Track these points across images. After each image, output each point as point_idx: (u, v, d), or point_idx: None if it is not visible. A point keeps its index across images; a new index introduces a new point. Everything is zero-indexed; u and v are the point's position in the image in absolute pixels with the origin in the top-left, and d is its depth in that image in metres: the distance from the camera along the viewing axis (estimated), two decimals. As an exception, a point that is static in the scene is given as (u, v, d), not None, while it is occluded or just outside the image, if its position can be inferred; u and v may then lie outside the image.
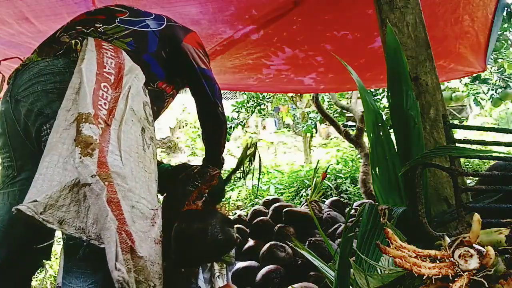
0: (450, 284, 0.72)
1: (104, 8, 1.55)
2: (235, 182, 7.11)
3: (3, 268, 1.31)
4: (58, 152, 1.08)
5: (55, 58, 1.27)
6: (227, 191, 6.78)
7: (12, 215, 1.01)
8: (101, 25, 1.41)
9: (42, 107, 1.20)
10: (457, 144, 1.30)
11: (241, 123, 5.79)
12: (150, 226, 1.18)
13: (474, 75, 4.30)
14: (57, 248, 3.28)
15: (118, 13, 1.49)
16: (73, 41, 1.26)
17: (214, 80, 1.63)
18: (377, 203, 1.29)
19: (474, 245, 0.75)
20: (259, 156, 2.00)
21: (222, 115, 1.67)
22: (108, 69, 1.22)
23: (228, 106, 6.63)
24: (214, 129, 1.69)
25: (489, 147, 5.15)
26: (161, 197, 1.55)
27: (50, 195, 1.03)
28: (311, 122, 6.35)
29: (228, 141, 5.80)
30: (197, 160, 7.99)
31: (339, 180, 6.23)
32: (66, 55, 1.26)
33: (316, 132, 7.63)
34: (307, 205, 3.52)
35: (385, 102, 4.71)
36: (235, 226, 3.42)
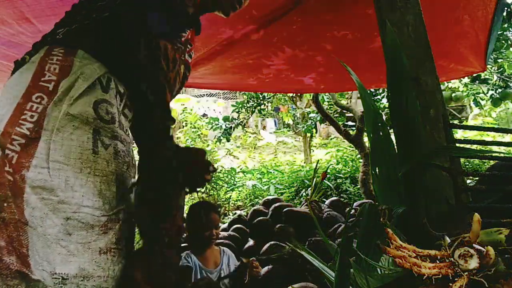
0: (450, 284, 0.72)
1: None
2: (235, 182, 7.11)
3: None
4: None
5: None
6: (228, 191, 6.78)
7: None
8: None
9: None
10: (457, 144, 1.30)
11: (241, 123, 5.80)
12: (98, 235, 1.12)
13: (474, 75, 4.30)
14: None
15: None
16: (26, 57, 1.22)
17: None
18: (377, 203, 1.29)
19: (474, 245, 0.75)
20: None
21: None
22: (48, 76, 1.16)
23: (228, 106, 6.64)
24: None
25: (489, 147, 5.15)
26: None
27: None
28: (311, 122, 6.35)
29: (228, 141, 5.81)
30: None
31: (339, 180, 6.24)
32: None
33: (316, 132, 7.62)
34: (307, 205, 3.53)
35: (385, 102, 4.72)
36: (235, 226, 3.43)
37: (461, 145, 1.29)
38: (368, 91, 4.41)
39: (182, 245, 2.69)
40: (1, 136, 1.05)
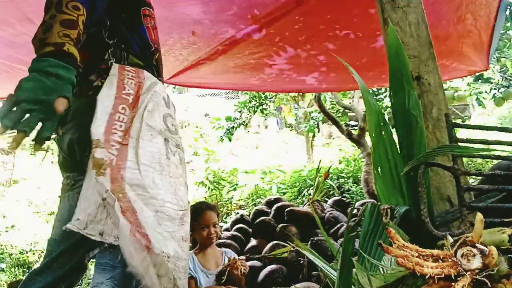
0: (453, 284, 0.72)
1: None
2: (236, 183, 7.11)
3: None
4: (89, 175, 1.28)
5: (83, 97, 1.40)
6: (229, 191, 6.78)
7: (71, 214, 1.24)
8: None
9: (77, 139, 1.40)
10: (460, 144, 1.29)
11: (243, 122, 5.79)
12: (178, 226, 1.36)
13: (477, 74, 4.29)
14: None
15: None
16: (98, 83, 1.40)
17: None
18: (379, 203, 1.29)
19: (476, 244, 0.75)
20: None
21: None
22: (128, 90, 1.38)
23: (230, 106, 6.64)
24: None
25: (491, 147, 5.13)
26: None
27: (89, 212, 1.24)
28: (313, 122, 6.35)
29: (230, 140, 5.82)
30: (199, 160, 8.00)
31: (341, 180, 6.23)
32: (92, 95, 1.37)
33: (319, 132, 7.62)
34: (309, 204, 3.52)
35: (387, 101, 4.71)
36: (238, 226, 3.43)
37: (464, 145, 1.29)
38: (370, 91, 4.40)
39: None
40: (105, 143, 1.27)
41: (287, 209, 3.23)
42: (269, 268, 2.61)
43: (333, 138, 11.45)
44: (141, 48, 1.57)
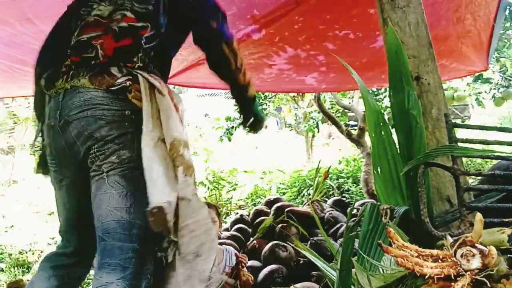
0: (452, 284, 0.72)
1: (129, 28, 1.55)
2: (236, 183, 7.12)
3: (76, 254, 1.60)
4: (160, 164, 1.36)
5: (106, 91, 1.47)
6: (229, 191, 6.78)
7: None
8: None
9: (92, 131, 1.43)
10: (459, 144, 1.29)
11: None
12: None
13: (476, 74, 4.29)
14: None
15: (141, 31, 1.54)
16: (127, 83, 1.47)
17: None
18: (379, 203, 1.29)
19: (476, 244, 0.75)
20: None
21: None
22: (180, 106, 1.52)
23: (230, 106, 6.64)
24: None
25: (491, 147, 5.14)
26: None
27: (170, 201, 1.32)
28: (313, 122, 6.34)
29: (230, 140, 5.81)
30: (198, 160, 8.00)
31: (341, 180, 6.23)
32: (119, 92, 1.46)
33: (318, 132, 7.62)
34: (309, 204, 3.52)
35: (387, 101, 4.71)
36: (237, 226, 3.43)
37: (464, 145, 1.29)
38: (370, 91, 4.40)
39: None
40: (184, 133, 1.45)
41: (287, 209, 3.23)
42: (269, 268, 2.60)
43: (333, 138, 11.46)
44: (164, 68, 1.65)
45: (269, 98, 5.86)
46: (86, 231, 1.51)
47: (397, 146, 1.34)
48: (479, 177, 1.72)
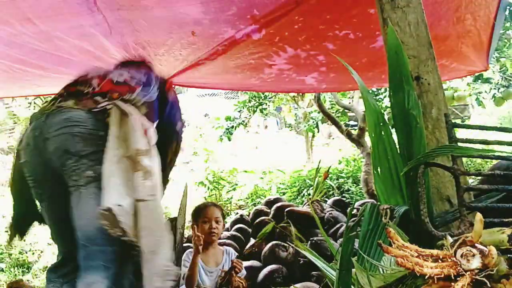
0: (452, 284, 0.72)
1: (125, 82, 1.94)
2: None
3: (68, 262, 1.73)
4: (119, 176, 1.51)
5: (88, 112, 1.66)
6: (229, 191, 6.78)
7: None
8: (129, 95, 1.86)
9: (68, 147, 1.58)
10: (460, 144, 1.29)
11: (242, 122, 5.79)
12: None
13: (476, 74, 4.29)
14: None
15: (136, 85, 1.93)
16: (109, 107, 1.67)
17: None
18: (378, 203, 1.29)
19: (476, 244, 0.75)
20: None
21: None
22: (146, 125, 1.77)
23: (230, 106, 6.64)
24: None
25: (491, 147, 5.13)
26: None
27: (124, 204, 1.44)
28: (313, 122, 6.34)
29: (229, 140, 5.81)
30: (198, 160, 7.99)
31: (341, 180, 6.23)
32: (99, 113, 1.67)
33: (318, 132, 7.61)
34: (309, 204, 3.52)
35: (387, 101, 4.70)
36: (237, 226, 3.43)
37: (464, 145, 1.29)
38: (370, 91, 4.40)
39: (185, 244, 2.70)
40: (147, 152, 1.66)
41: (287, 209, 3.23)
42: (268, 268, 2.61)
43: (333, 138, 11.45)
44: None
45: (269, 98, 5.86)
46: (71, 240, 1.62)
47: (397, 146, 1.34)
48: (479, 177, 1.72)
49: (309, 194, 5.59)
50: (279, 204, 3.44)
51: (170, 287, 1.51)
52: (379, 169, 1.34)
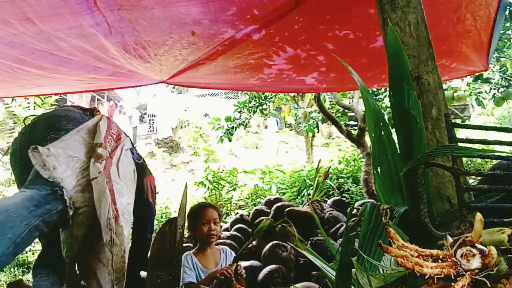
0: (452, 284, 0.72)
1: None
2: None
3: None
4: (74, 151, 1.93)
5: (78, 112, 2.18)
6: (229, 191, 6.78)
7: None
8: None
9: (54, 138, 1.95)
10: (459, 144, 1.29)
11: (243, 123, 5.79)
12: (127, 226, 1.99)
13: (476, 74, 4.29)
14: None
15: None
16: (95, 110, 2.26)
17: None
18: (378, 203, 1.29)
19: (476, 244, 0.75)
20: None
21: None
22: (112, 132, 2.17)
23: (230, 106, 6.64)
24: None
25: (491, 147, 5.14)
26: None
27: (57, 148, 1.84)
28: (313, 122, 6.34)
29: (230, 141, 5.82)
30: (198, 160, 8.00)
31: (341, 180, 6.23)
32: (84, 112, 2.21)
33: (318, 132, 7.62)
34: (309, 204, 3.52)
35: (387, 101, 4.71)
36: (237, 226, 3.43)
37: (464, 145, 1.29)
38: (370, 91, 4.40)
39: (184, 245, 2.70)
40: (104, 146, 2.01)
41: (286, 209, 3.23)
42: (268, 268, 2.60)
43: (333, 138, 11.46)
44: None
45: (269, 98, 5.86)
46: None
47: (397, 146, 1.34)
48: (479, 177, 1.72)
49: (309, 194, 5.59)
50: (279, 204, 3.44)
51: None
52: (379, 169, 1.34)
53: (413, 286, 0.83)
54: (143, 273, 2.57)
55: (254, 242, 3.06)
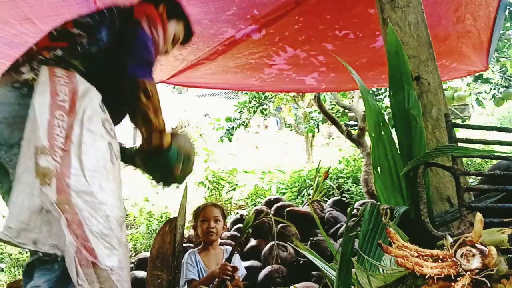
0: (452, 284, 0.72)
1: (66, 32, 1.56)
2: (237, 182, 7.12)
3: None
4: (25, 181, 1.21)
5: (9, 90, 1.37)
6: (229, 191, 6.78)
7: None
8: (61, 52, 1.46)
9: None
10: (459, 144, 1.29)
11: (243, 123, 5.79)
12: (122, 232, 1.36)
13: (476, 74, 4.29)
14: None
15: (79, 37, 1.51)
16: (30, 77, 1.36)
17: None
18: (379, 203, 1.29)
19: (476, 244, 0.75)
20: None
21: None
22: (62, 96, 1.32)
23: (230, 106, 6.64)
24: None
25: (491, 147, 5.14)
26: None
27: (21, 220, 1.18)
28: (313, 122, 6.34)
29: (230, 141, 5.81)
30: (198, 160, 8.00)
31: (341, 180, 6.23)
32: (20, 88, 1.36)
33: (318, 132, 7.62)
34: (309, 204, 3.52)
35: (387, 101, 4.71)
36: (237, 226, 3.43)
37: (463, 145, 1.29)
38: (370, 91, 4.40)
39: (184, 245, 2.70)
40: (49, 149, 1.23)
41: (286, 209, 3.23)
42: (268, 268, 2.60)
43: (333, 138, 11.46)
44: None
45: (269, 98, 5.86)
46: None
47: (397, 146, 1.34)
48: (479, 177, 1.72)
49: (309, 194, 5.59)
50: (279, 204, 3.44)
51: None
52: (379, 169, 1.34)
53: (413, 286, 0.83)
54: (143, 273, 2.57)
55: (254, 242, 3.06)
